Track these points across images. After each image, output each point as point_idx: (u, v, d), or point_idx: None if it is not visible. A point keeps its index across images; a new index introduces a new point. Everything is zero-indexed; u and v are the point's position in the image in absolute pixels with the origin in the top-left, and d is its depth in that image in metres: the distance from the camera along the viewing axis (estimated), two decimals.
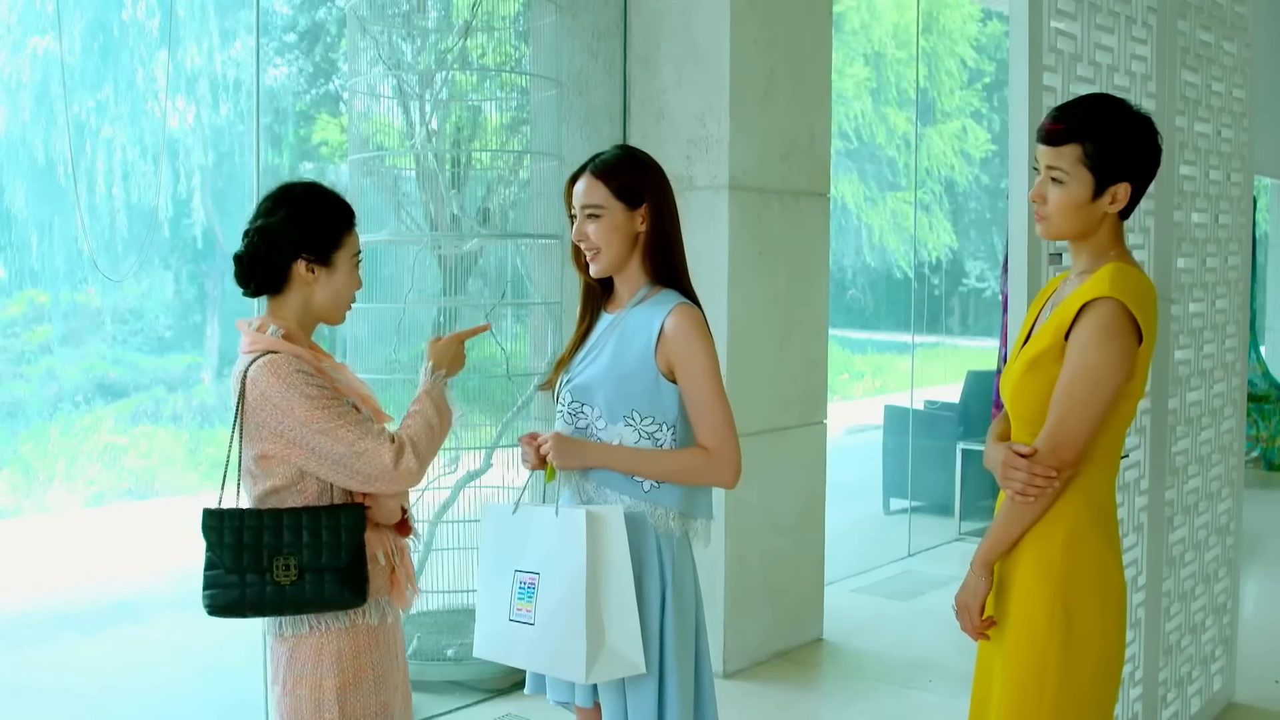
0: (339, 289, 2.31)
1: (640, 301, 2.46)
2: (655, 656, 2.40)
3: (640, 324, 2.42)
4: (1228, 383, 4.20)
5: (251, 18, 4.46)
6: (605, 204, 2.42)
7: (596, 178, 2.44)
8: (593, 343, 2.50)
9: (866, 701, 4.47)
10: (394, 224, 4.57)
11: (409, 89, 4.52)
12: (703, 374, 2.39)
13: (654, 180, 2.47)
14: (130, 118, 11.45)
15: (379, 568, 2.27)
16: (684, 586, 2.46)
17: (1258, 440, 9.62)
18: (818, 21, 5.06)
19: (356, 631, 2.23)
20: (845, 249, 16.98)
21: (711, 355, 2.41)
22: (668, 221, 2.47)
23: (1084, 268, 2.22)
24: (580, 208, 2.45)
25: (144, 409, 11.21)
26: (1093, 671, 2.17)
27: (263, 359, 2.18)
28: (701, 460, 2.41)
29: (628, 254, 2.46)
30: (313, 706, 2.20)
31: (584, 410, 2.46)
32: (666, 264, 2.47)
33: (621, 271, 2.48)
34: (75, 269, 10.98)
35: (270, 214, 2.26)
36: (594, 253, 2.45)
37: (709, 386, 2.39)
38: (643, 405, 2.40)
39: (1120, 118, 2.16)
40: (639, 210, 2.44)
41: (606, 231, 2.42)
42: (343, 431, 2.16)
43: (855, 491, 7.99)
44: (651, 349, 2.39)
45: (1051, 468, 2.11)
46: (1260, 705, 4.38)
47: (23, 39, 10.75)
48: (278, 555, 2.16)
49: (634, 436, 2.40)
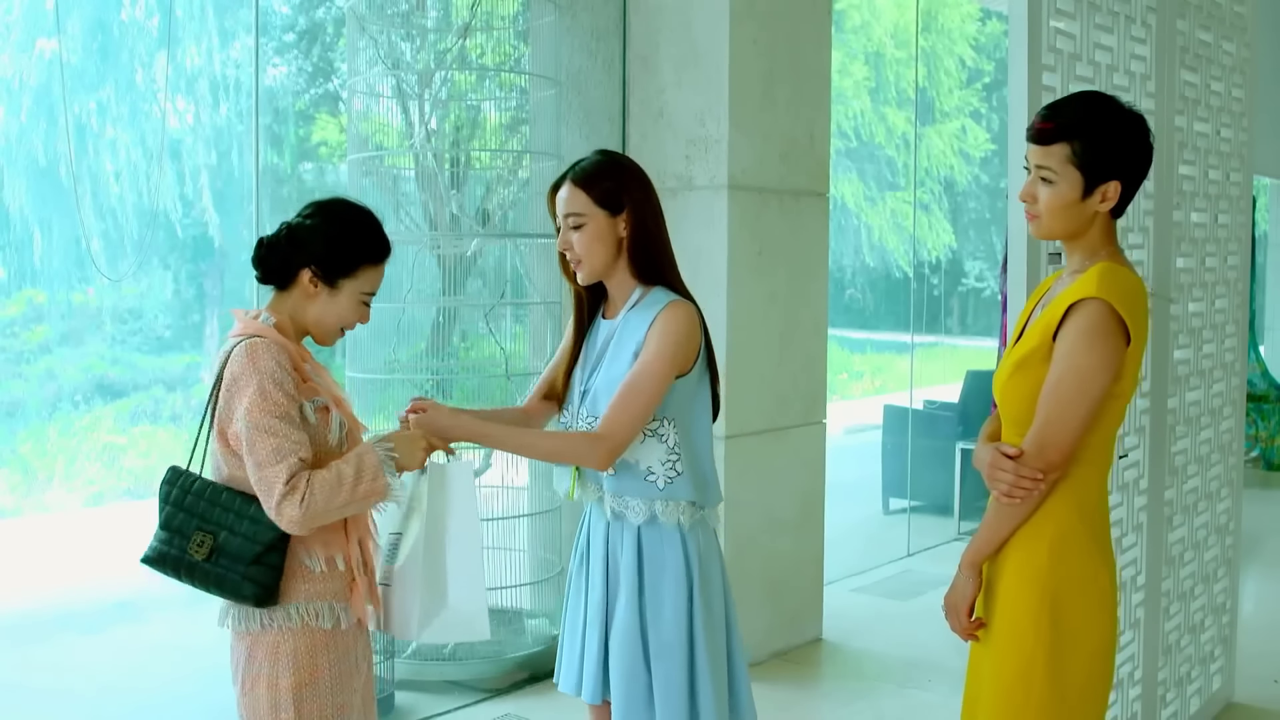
0: (334, 314, 2.30)
1: (635, 305, 2.48)
2: (685, 648, 2.40)
3: (635, 326, 2.45)
4: (1227, 382, 4.20)
5: (251, 17, 4.47)
6: (587, 212, 2.44)
7: (577, 186, 2.46)
8: (597, 353, 2.52)
9: (866, 701, 4.47)
10: (393, 224, 4.56)
11: (408, 89, 4.52)
12: (649, 358, 2.38)
13: (634, 184, 2.48)
14: (130, 118, 11.44)
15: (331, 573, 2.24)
16: (711, 578, 2.48)
17: (1257, 440, 9.62)
18: (817, 21, 5.06)
19: (310, 633, 2.21)
20: (844, 249, 16.97)
21: (673, 346, 2.39)
22: (650, 223, 2.48)
23: (1075, 267, 2.22)
24: (563, 217, 2.47)
25: (143, 409, 11.20)
26: (1081, 673, 2.16)
27: (245, 342, 2.18)
28: (582, 445, 2.40)
29: (612, 260, 2.47)
30: (269, 705, 2.20)
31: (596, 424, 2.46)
32: (652, 264, 2.48)
33: (610, 277, 2.50)
34: (74, 269, 10.98)
35: (309, 216, 2.29)
36: (578, 262, 2.47)
37: (646, 367, 2.37)
38: None
39: (1109, 116, 2.15)
40: (620, 216, 2.45)
41: (589, 240, 2.44)
42: (267, 441, 2.12)
43: (854, 491, 7.99)
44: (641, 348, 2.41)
45: (1038, 469, 2.10)
46: (1260, 705, 4.38)
47: (23, 40, 10.75)
48: (198, 530, 2.18)
49: (639, 439, 2.42)
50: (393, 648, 4.27)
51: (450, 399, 4.73)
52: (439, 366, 4.71)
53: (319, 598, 2.23)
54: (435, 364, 4.70)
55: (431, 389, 4.62)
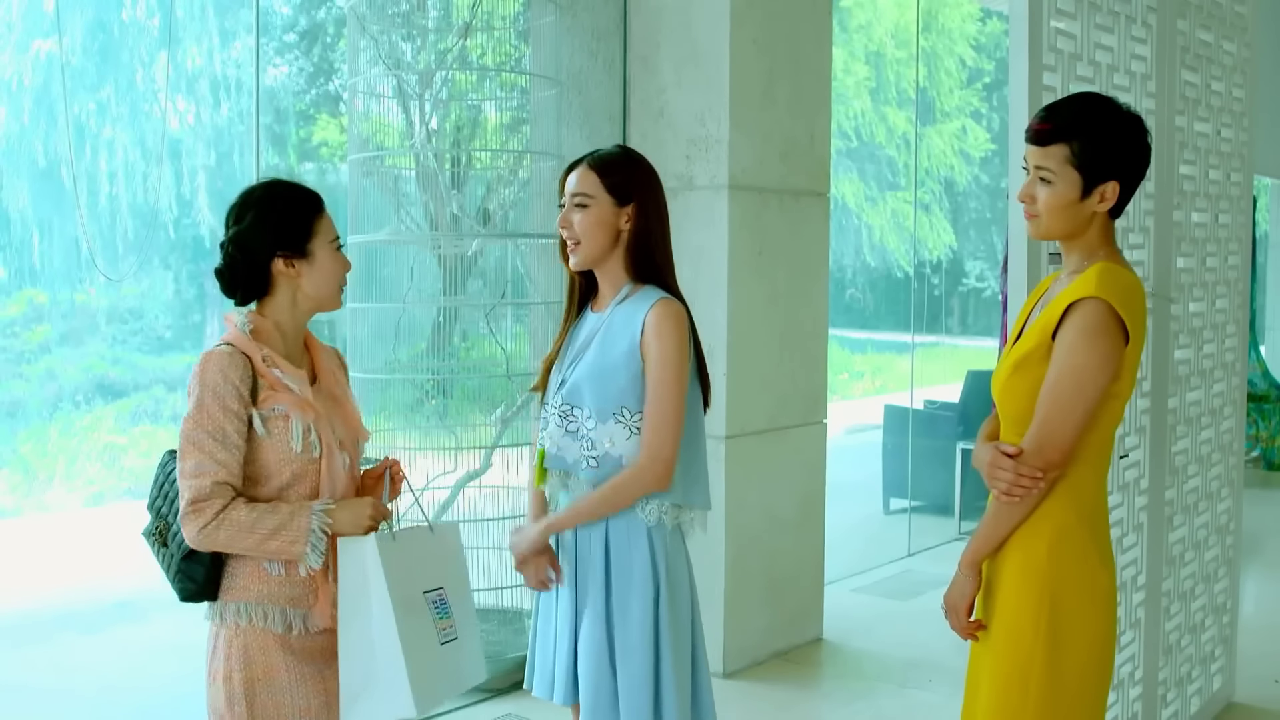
0: (324, 275, 2.28)
1: (624, 299, 2.48)
2: (650, 651, 2.39)
3: (624, 321, 2.44)
4: (1227, 382, 4.20)
5: (251, 18, 4.47)
6: (594, 194, 2.46)
7: (591, 169, 2.48)
8: (580, 344, 2.51)
9: (866, 701, 4.47)
10: (394, 224, 4.56)
11: (409, 89, 4.52)
12: (662, 367, 2.39)
13: (646, 182, 2.51)
14: (130, 118, 11.45)
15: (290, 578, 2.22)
16: (678, 582, 2.47)
17: (1257, 440, 9.62)
18: (818, 21, 5.06)
19: (261, 633, 2.20)
20: (845, 248, 16.97)
21: (678, 351, 2.40)
22: (654, 224, 2.49)
23: (1074, 267, 2.22)
24: (569, 195, 2.48)
25: (144, 409, 11.21)
26: (1079, 672, 2.17)
27: (204, 351, 2.18)
28: (630, 478, 2.40)
29: (608, 249, 2.48)
30: (226, 699, 2.19)
31: (574, 413, 2.47)
32: (649, 263, 2.49)
33: (602, 267, 2.50)
34: (75, 269, 10.98)
35: (239, 221, 2.25)
36: (574, 243, 2.47)
37: (665, 382, 2.39)
38: (631, 401, 2.42)
39: (1107, 117, 2.16)
40: (626, 208, 2.46)
41: (590, 223, 2.45)
42: (191, 455, 2.12)
43: (855, 491, 7.99)
44: (636, 344, 2.41)
45: (1037, 468, 2.11)
46: (1260, 705, 4.38)
47: (23, 40, 10.75)
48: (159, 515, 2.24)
49: (624, 433, 2.42)
50: None
51: (450, 399, 4.74)
52: (439, 366, 4.71)
53: (272, 600, 2.20)
54: (436, 364, 4.70)
55: (432, 389, 4.62)
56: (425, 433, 4.62)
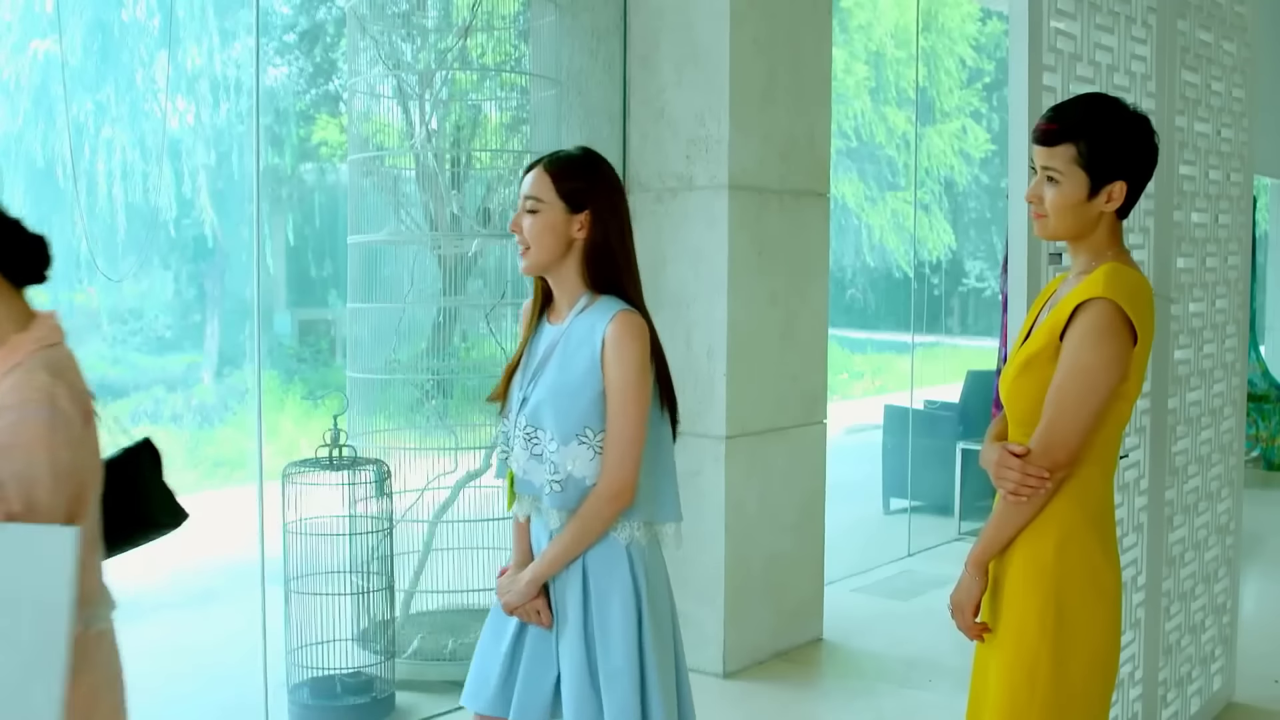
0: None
1: (582, 311, 2.38)
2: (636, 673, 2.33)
3: (583, 336, 2.34)
4: (1227, 382, 4.20)
5: (251, 18, 4.47)
6: (546, 199, 2.36)
7: (546, 172, 2.39)
8: (540, 358, 2.42)
9: (866, 701, 4.47)
10: (394, 224, 4.57)
11: (409, 89, 4.52)
12: (622, 385, 2.30)
13: (605, 189, 2.39)
14: (130, 118, 11.46)
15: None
16: (658, 596, 2.41)
17: (1257, 440, 9.63)
18: (818, 21, 5.06)
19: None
20: (845, 249, 16.99)
21: (638, 367, 2.31)
22: (611, 233, 2.38)
23: (1082, 268, 2.23)
24: (522, 198, 2.40)
25: (144, 409, 11.21)
26: (1084, 672, 2.17)
27: None
28: (593, 509, 2.32)
29: (558, 256, 2.38)
30: None
31: (538, 434, 2.38)
32: (606, 273, 2.38)
33: (556, 275, 2.41)
34: (74, 269, 10.98)
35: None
36: (524, 248, 2.40)
37: (625, 401, 2.30)
38: (594, 421, 2.32)
39: (1114, 117, 2.17)
40: (579, 215, 2.36)
41: (540, 228, 2.37)
42: None
43: (855, 491, 7.99)
44: (597, 359, 2.31)
45: (1044, 468, 2.11)
46: (1260, 705, 4.38)
47: (22, 40, 10.76)
48: None
49: (588, 454, 2.32)
50: (393, 648, 4.27)
51: (451, 399, 4.74)
52: (439, 366, 4.71)
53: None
54: (436, 364, 4.70)
55: (432, 389, 4.62)
56: (425, 433, 4.61)
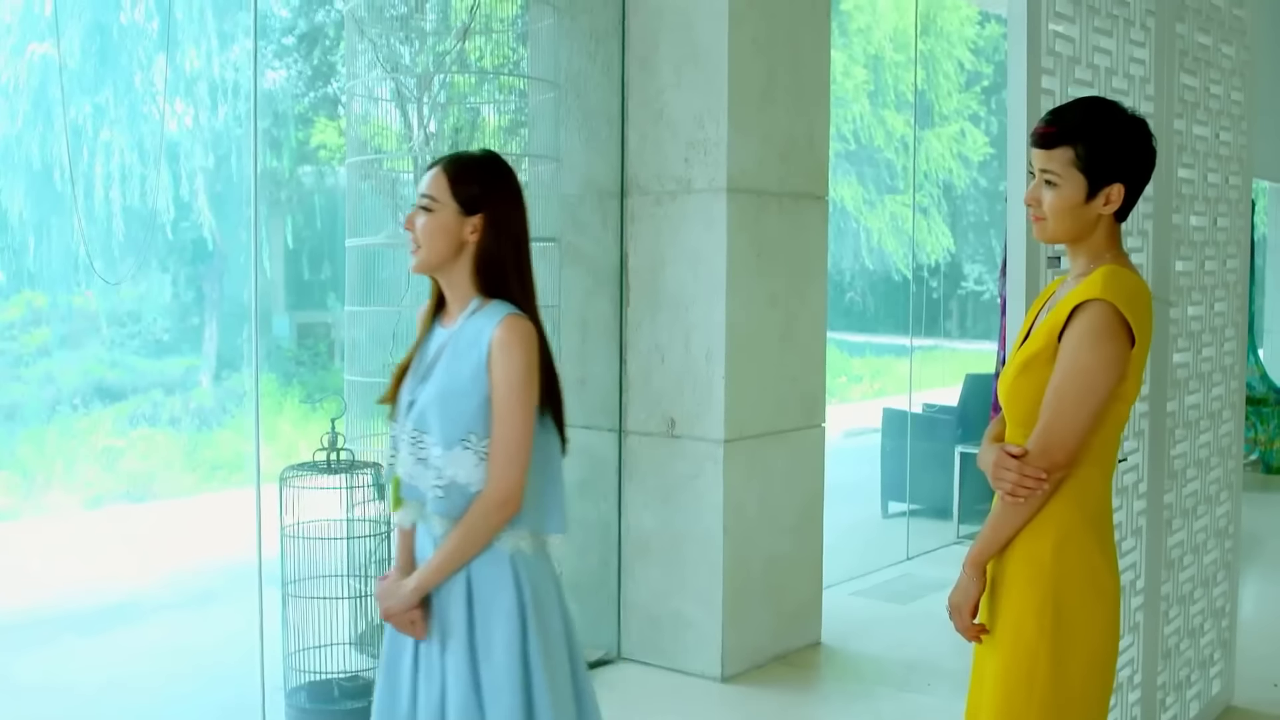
0: None
1: (471, 314, 2.34)
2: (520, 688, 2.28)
3: (471, 340, 2.31)
4: (1226, 386, 4.20)
5: (250, 21, 4.47)
6: (440, 199, 2.32)
7: (444, 173, 2.35)
8: (429, 361, 2.38)
9: (865, 704, 4.47)
10: (392, 227, 4.56)
11: (407, 92, 4.52)
12: (507, 391, 2.27)
13: (502, 195, 2.35)
14: (128, 121, 11.45)
15: None
16: (546, 606, 2.35)
17: (1256, 443, 9.63)
18: (817, 23, 5.06)
19: None
20: (844, 252, 16.99)
21: (524, 373, 2.28)
22: (504, 240, 2.34)
23: (1080, 270, 2.23)
24: (418, 195, 2.37)
25: (142, 412, 11.20)
26: (1082, 674, 2.17)
27: None
28: (478, 517, 2.28)
29: (447, 258, 2.34)
30: None
31: (424, 439, 2.34)
32: (497, 279, 2.34)
33: (446, 277, 2.37)
34: (73, 272, 10.99)
35: None
36: (415, 247, 2.35)
37: (510, 408, 2.27)
38: (479, 427, 2.28)
39: (1112, 120, 2.18)
40: (472, 219, 2.32)
41: (431, 229, 2.32)
42: None
43: (853, 494, 7.98)
44: (483, 364, 2.28)
45: (1042, 469, 2.12)
46: (1259, 709, 4.37)
47: (21, 43, 10.75)
48: None
49: (473, 459, 2.29)
50: None
51: None
52: None
53: None
54: None
55: None
56: None
